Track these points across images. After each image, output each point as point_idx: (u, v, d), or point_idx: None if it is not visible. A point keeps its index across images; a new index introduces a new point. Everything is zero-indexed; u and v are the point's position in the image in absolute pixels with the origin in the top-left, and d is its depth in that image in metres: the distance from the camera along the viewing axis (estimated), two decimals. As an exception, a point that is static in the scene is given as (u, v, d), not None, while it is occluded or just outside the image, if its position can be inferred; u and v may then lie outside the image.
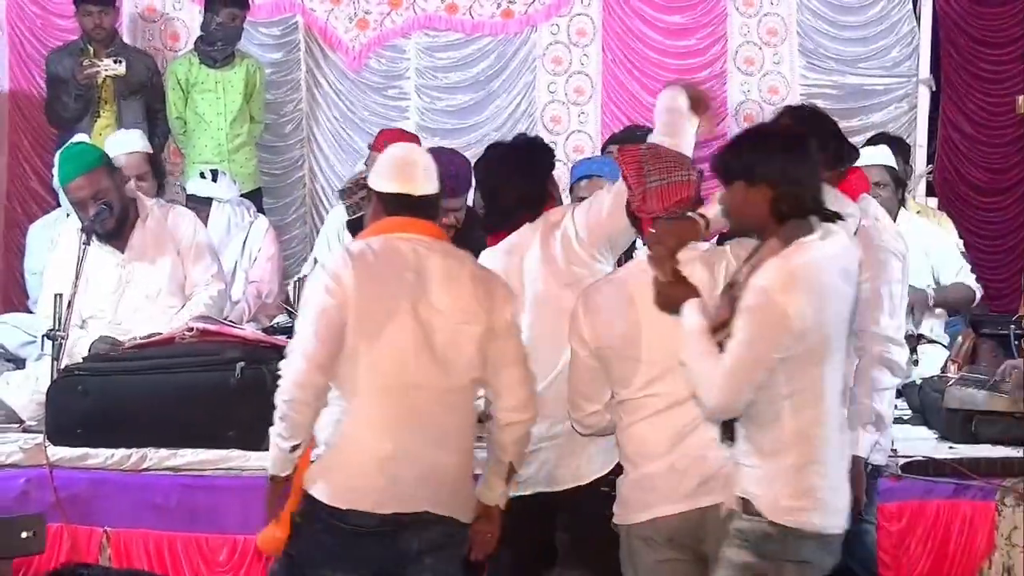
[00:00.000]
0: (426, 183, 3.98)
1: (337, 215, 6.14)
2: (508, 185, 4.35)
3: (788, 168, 3.66)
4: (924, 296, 5.95)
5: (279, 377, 3.88)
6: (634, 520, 3.86)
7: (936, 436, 5.19)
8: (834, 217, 3.71)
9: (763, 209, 3.65)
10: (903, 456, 4.87)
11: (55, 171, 5.84)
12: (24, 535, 3.34)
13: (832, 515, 3.66)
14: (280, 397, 3.85)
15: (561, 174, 8.02)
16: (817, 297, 3.58)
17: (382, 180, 4.01)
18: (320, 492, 3.86)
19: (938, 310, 6.07)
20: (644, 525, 3.84)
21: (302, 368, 3.83)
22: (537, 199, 4.37)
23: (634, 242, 4.78)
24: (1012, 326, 5.67)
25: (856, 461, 4.09)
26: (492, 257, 4.32)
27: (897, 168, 6.12)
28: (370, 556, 3.87)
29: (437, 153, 5.13)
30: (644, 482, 3.85)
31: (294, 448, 3.86)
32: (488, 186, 4.49)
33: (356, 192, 4.78)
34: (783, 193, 3.64)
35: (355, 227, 4.79)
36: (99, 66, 7.12)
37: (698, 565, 3.87)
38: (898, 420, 5.13)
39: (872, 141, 6.54)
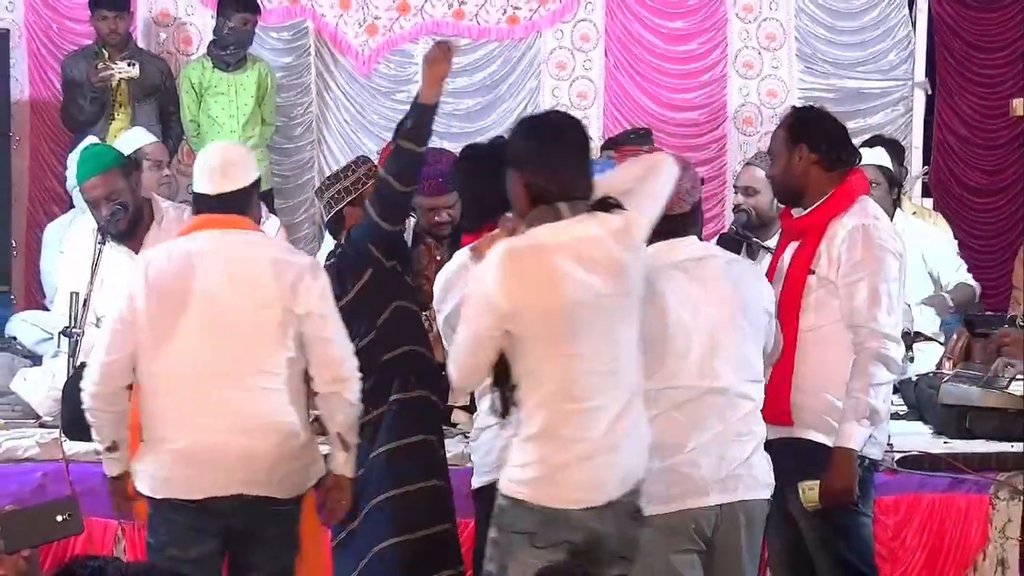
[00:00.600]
0: (224, 182, 4.10)
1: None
2: (493, 186, 4.22)
3: (535, 154, 3.74)
4: (944, 301, 6.01)
5: None
6: (655, 511, 3.90)
7: (931, 431, 5.23)
8: (607, 207, 3.76)
9: (522, 194, 3.76)
10: (899, 451, 4.91)
11: (68, 173, 5.91)
12: (60, 519, 3.43)
13: (568, 489, 3.68)
14: (83, 405, 4.05)
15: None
16: (528, 280, 3.65)
17: (194, 180, 4.20)
18: (140, 484, 4.06)
19: (928, 308, 6.09)
20: (664, 516, 3.92)
21: (95, 378, 4.04)
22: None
23: None
24: (1006, 324, 5.66)
25: (848, 454, 4.17)
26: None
27: (891, 168, 6.18)
28: (203, 534, 4.05)
29: (426, 152, 5.20)
30: (666, 475, 3.91)
31: (110, 449, 4.07)
32: (471, 187, 4.46)
33: (329, 188, 4.76)
34: (531, 179, 3.73)
35: (333, 226, 4.78)
36: (113, 69, 7.19)
37: (705, 555, 3.99)
38: (894, 416, 5.13)
39: (868, 143, 6.57)
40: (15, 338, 6.02)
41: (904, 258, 4.35)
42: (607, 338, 3.72)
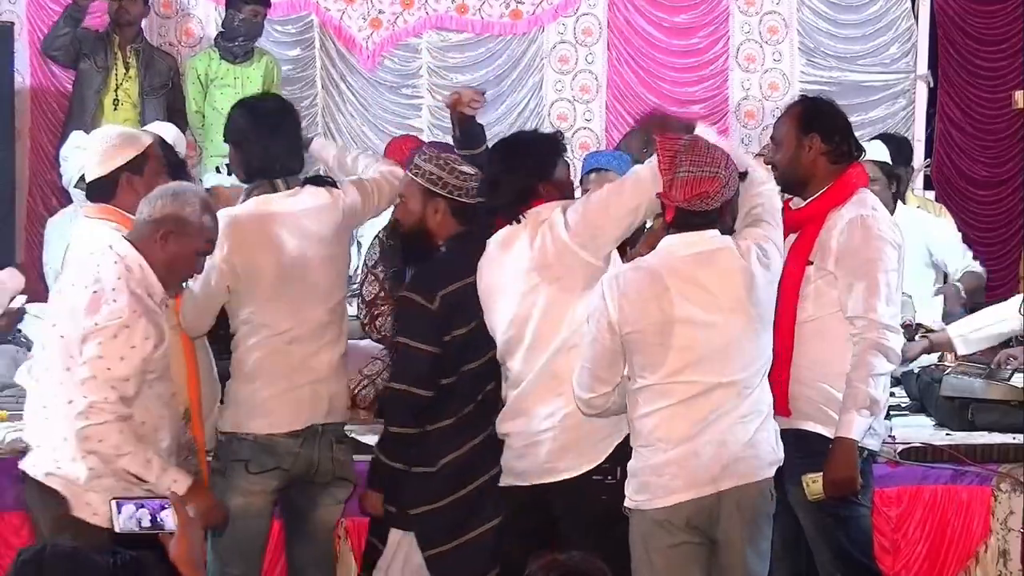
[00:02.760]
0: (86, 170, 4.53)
1: None
2: (526, 171, 4.34)
3: (247, 132, 4.42)
4: (956, 291, 5.99)
5: None
6: (656, 505, 3.96)
7: (934, 423, 5.21)
8: (320, 182, 4.50)
9: (239, 167, 4.51)
10: (901, 442, 4.90)
11: (63, 168, 5.87)
12: None
13: (273, 418, 4.37)
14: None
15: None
16: (248, 243, 4.33)
17: None
18: None
19: (936, 299, 6.06)
20: (665, 510, 3.95)
21: None
22: (531, 193, 4.34)
23: (642, 229, 4.86)
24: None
25: (850, 444, 4.17)
26: (489, 249, 4.34)
27: (891, 164, 6.15)
28: None
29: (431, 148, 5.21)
30: (667, 468, 3.94)
31: None
32: (506, 171, 4.39)
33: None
34: (242, 155, 4.46)
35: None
36: None
37: (708, 548, 4.00)
38: (896, 408, 5.20)
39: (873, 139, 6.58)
40: (19, 330, 6.03)
41: (903, 249, 4.34)
42: (316, 290, 4.42)
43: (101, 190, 4.38)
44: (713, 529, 3.98)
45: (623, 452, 4.21)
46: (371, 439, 4.65)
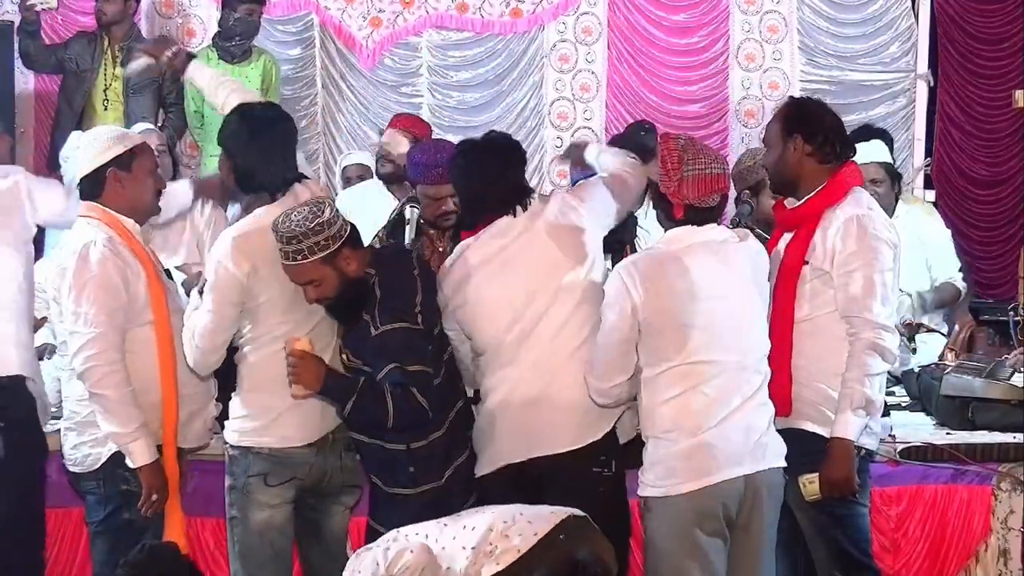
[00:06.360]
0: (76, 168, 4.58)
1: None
2: (499, 181, 4.38)
3: (243, 146, 4.36)
4: (921, 302, 6.02)
5: None
6: (691, 488, 4.00)
7: (934, 422, 5.21)
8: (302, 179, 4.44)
9: (229, 176, 4.43)
10: (901, 442, 4.90)
11: (64, 170, 5.89)
12: None
13: (287, 431, 4.34)
14: None
15: (566, 168, 8.21)
16: (256, 256, 4.24)
17: None
18: None
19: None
20: (700, 493, 4.00)
21: None
22: (523, 191, 4.42)
23: (635, 225, 4.88)
24: (1011, 313, 5.67)
25: (846, 444, 4.19)
26: (478, 244, 4.37)
27: (893, 163, 6.15)
28: None
29: (427, 144, 5.22)
30: (698, 451, 4.00)
31: None
32: (469, 182, 4.46)
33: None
34: (237, 168, 4.38)
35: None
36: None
37: (725, 542, 4.07)
38: (896, 407, 5.22)
39: (858, 133, 6.54)
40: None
41: (899, 248, 4.35)
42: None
43: (90, 187, 4.49)
44: (739, 515, 4.05)
45: (616, 446, 4.28)
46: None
